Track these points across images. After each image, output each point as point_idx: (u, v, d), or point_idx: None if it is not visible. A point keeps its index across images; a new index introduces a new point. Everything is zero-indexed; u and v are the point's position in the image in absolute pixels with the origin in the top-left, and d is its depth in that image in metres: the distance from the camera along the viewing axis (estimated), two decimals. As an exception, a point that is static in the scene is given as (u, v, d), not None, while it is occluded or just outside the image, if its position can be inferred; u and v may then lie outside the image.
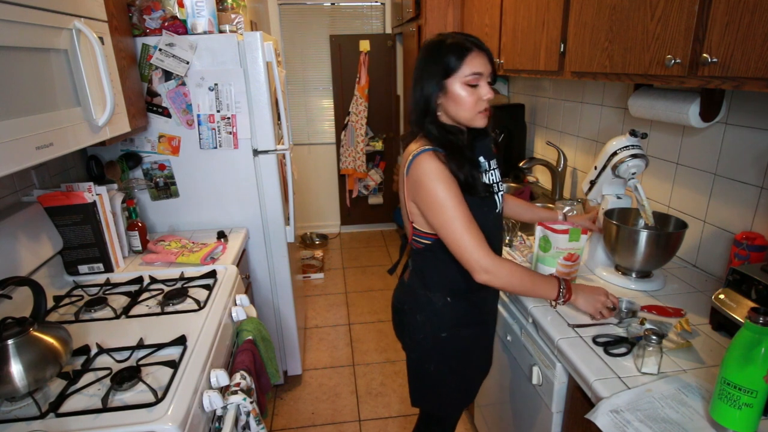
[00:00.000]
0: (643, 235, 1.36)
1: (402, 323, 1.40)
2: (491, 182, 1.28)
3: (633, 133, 1.45)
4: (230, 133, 2.03)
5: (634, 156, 1.43)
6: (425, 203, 1.17)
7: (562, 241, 1.36)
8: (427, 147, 1.18)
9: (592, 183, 1.61)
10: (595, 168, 1.57)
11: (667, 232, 1.43)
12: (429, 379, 1.37)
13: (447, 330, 1.31)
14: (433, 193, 1.14)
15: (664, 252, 1.39)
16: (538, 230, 1.41)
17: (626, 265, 1.46)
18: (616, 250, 1.44)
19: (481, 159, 1.27)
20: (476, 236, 1.15)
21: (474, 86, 1.16)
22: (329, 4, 4.11)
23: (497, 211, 1.29)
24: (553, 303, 1.25)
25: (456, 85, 1.16)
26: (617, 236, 1.42)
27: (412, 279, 1.34)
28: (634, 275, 1.45)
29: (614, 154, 1.46)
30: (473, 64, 1.15)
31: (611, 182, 1.54)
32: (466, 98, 1.17)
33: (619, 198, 1.55)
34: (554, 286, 1.22)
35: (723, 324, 1.17)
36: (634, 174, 1.44)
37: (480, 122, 1.21)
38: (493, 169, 1.30)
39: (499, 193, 1.31)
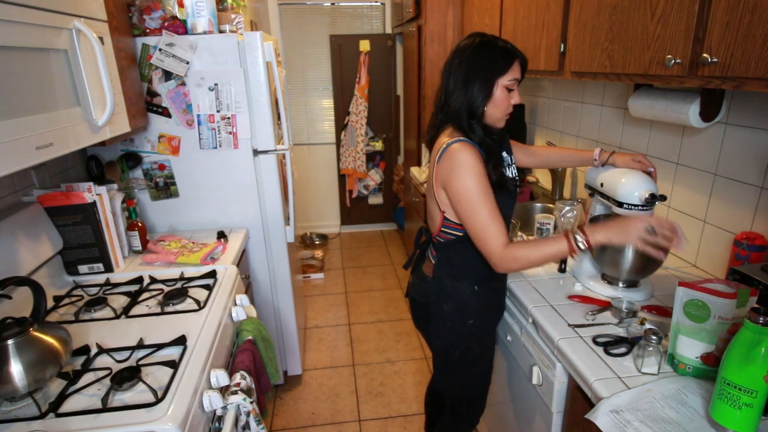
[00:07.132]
0: None
1: (426, 315, 1.44)
2: (513, 176, 1.37)
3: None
4: (230, 133, 2.03)
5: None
6: (455, 193, 1.22)
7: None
8: (460, 138, 1.24)
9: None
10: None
11: None
12: (454, 365, 1.44)
13: (474, 317, 1.38)
14: (464, 184, 1.20)
15: (653, 260, 1.33)
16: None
17: (612, 274, 1.42)
18: (602, 259, 1.40)
19: (504, 154, 1.37)
20: (497, 229, 1.20)
21: (510, 91, 1.26)
22: (329, 4, 4.11)
23: (515, 201, 1.41)
24: (573, 255, 1.20)
25: (499, 88, 1.24)
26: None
27: (439, 271, 1.39)
28: (620, 285, 1.41)
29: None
30: (515, 71, 1.24)
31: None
32: (504, 101, 1.26)
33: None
34: (564, 240, 1.18)
35: (723, 324, 1.17)
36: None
37: (502, 123, 1.32)
38: (513, 164, 1.40)
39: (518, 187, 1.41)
